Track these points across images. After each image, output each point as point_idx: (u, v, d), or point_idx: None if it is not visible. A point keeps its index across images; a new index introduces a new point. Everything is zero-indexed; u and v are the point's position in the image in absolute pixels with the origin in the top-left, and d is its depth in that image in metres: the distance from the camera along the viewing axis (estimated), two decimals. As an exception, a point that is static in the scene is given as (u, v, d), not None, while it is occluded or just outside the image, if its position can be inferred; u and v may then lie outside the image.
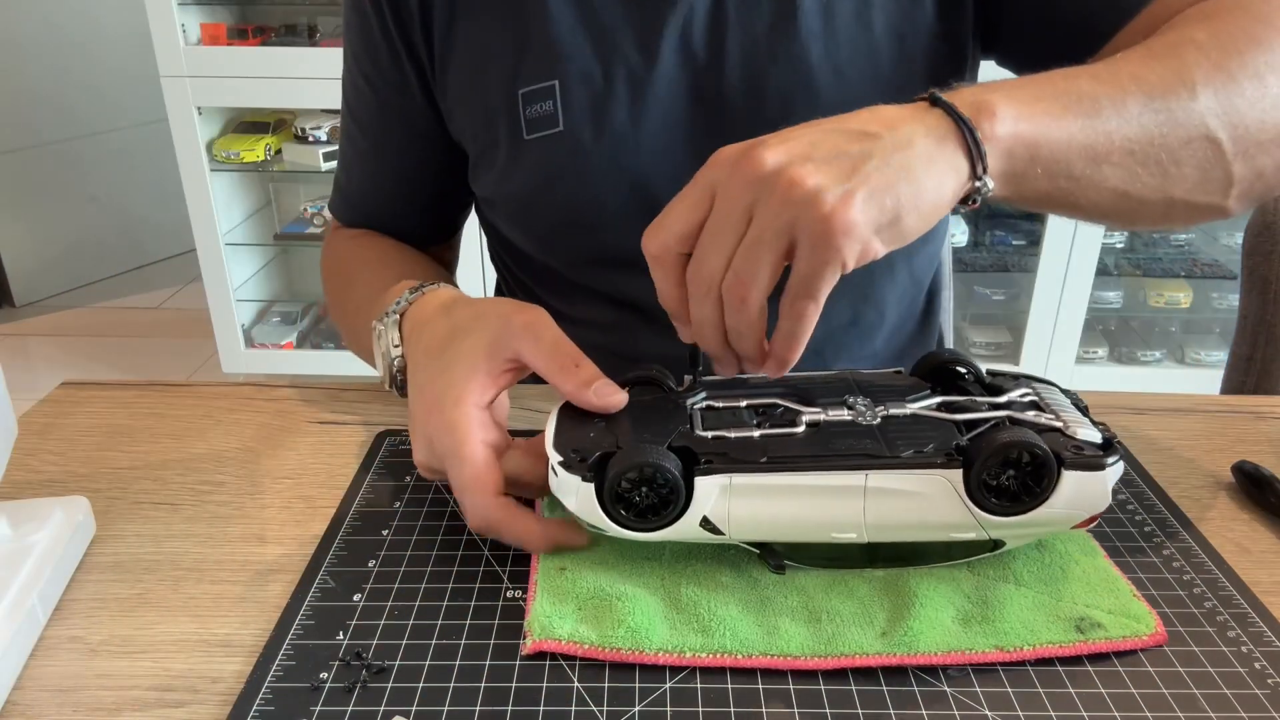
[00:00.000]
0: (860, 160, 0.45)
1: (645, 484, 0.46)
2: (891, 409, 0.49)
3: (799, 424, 0.48)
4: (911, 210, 0.45)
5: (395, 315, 0.60)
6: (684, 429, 0.48)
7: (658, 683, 0.43)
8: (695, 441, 0.47)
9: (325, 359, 2.31)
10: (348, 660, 0.44)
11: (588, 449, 0.47)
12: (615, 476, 0.46)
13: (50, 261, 2.93)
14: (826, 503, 0.46)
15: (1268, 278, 0.95)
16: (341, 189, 0.82)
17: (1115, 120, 0.49)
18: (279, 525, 0.55)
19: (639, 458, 0.45)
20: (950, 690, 0.43)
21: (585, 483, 0.46)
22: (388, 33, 0.70)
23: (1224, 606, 0.48)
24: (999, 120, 0.47)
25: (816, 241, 0.44)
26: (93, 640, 0.47)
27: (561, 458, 0.47)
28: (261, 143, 2.18)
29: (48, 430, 0.66)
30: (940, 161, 0.46)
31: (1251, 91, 0.51)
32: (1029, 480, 0.46)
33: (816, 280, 0.45)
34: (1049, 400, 0.50)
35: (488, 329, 0.52)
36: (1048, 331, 2.15)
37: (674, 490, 0.46)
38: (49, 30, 2.77)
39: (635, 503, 0.46)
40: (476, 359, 0.51)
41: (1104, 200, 0.51)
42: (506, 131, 0.69)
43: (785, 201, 0.44)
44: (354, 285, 0.75)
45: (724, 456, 0.46)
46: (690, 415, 0.50)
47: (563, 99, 0.67)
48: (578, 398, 0.50)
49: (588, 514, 0.47)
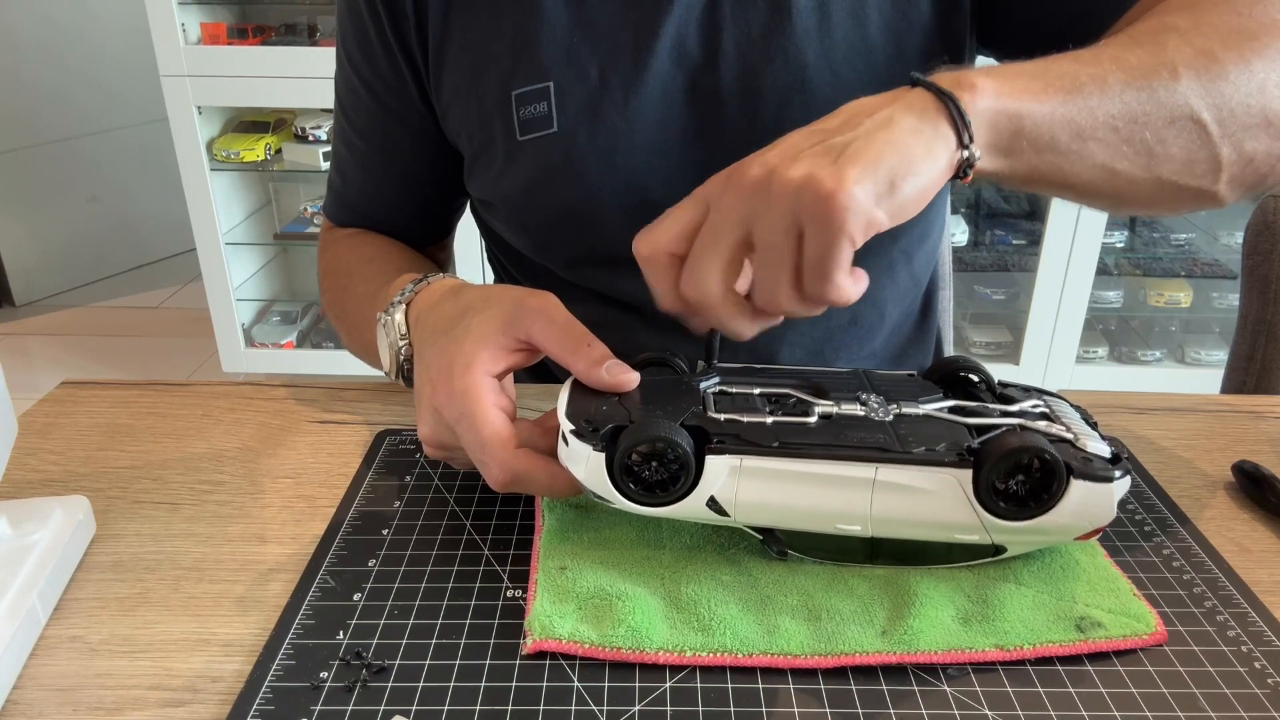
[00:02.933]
0: (845, 144, 0.45)
1: (656, 458, 0.46)
2: (904, 408, 0.50)
3: (811, 414, 0.49)
4: (906, 177, 0.45)
5: (401, 304, 0.60)
6: (697, 409, 0.49)
7: (658, 682, 0.43)
8: (708, 422, 0.48)
9: (325, 358, 2.31)
10: (348, 660, 0.44)
11: (600, 420, 0.48)
12: (627, 448, 0.46)
13: (50, 261, 2.93)
14: (834, 492, 0.46)
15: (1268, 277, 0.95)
16: (336, 190, 0.82)
17: (1097, 97, 0.49)
18: (279, 525, 0.55)
19: (652, 431, 0.46)
20: (950, 689, 0.43)
21: (596, 452, 0.47)
22: (382, 34, 0.70)
23: (1224, 606, 0.48)
24: (980, 94, 0.47)
25: (821, 223, 0.44)
26: (93, 640, 0.47)
27: (574, 426, 0.47)
28: (261, 142, 2.18)
29: (48, 430, 0.66)
30: (926, 131, 0.46)
31: (1235, 75, 0.51)
32: (1037, 486, 0.46)
33: (828, 261, 0.44)
34: (1059, 413, 0.51)
35: (500, 307, 0.52)
36: (1048, 331, 2.15)
37: (684, 466, 0.46)
38: (49, 29, 2.77)
39: (644, 477, 0.47)
40: (487, 332, 0.51)
41: (1093, 177, 0.51)
42: (501, 133, 0.69)
43: (782, 198, 0.44)
44: (353, 283, 0.75)
45: (736, 438, 0.47)
46: (703, 398, 0.50)
47: (557, 100, 0.67)
48: (589, 376, 0.50)
49: (596, 484, 0.47)
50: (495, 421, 0.49)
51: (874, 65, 0.66)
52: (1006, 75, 0.49)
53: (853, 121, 0.47)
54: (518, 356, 0.52)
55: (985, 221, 2.27)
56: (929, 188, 0.46)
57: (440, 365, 0.52)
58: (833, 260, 0.44)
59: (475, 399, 0.50)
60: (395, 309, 0.60)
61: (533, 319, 0.51)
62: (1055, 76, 0.50)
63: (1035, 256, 2.10)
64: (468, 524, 0.54)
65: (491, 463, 0.50)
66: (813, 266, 0.45)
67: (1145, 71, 0.50)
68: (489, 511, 0.55)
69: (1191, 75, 0.51)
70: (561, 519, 0.53)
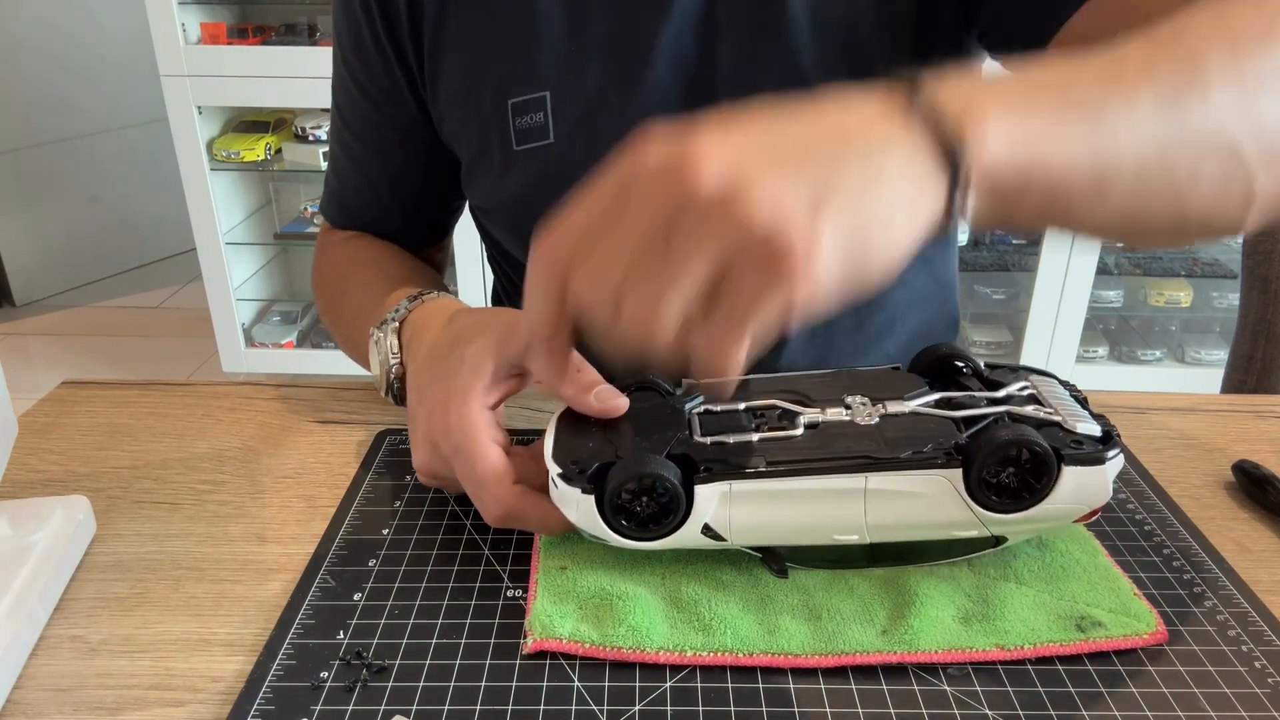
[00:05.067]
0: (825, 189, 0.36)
1: (645, 494, 0.46)
2: (890, 407, 0.49)
3: (797, 425, 0.48)
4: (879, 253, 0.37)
5: (394, 323, 0.60)
6: (682, 435, 0.48)
7: (658, 682, 0.43)
8: (694, 448, 0.47)
9: (325, 358, 2.31)
10: (348, 659, 0.44)
11: (586, 460, 0.47)
12: (615, 488, 0.46)
13: (50, 261, 2.93)
14: (827, 506, 0.46)
15: (1268, 277, 0.95)
16: (332, 191, 0.82)
17: (1126, 127, 0.40)
18: (279, 525, 0.55)
19: (638, 468, 0.45)
20: (950, 689, 0.43)
21: (585, 495, 0.46)
22: (378, 38, 0.70)
23: (1224, 605, 0.48)
24: (988, 138, 0.38)
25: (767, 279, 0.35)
26: (93, 639, 0.47)
27: (561, 469, 0.47)
28: (261, 142, 2.18)
29: (48, 429, 0.66)
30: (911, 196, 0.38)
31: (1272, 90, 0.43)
32: (1029, 477, 0.46)
33: (746, 318, 0.36)
34: (1047, 393, 0.50)
35: (492, 335, 0.52)
36: (1048, 331, 2.15)
37: (674, 499, 0.46)
38: (49, 29, 2.77)
39: (636, 513, 0.46)
40: (481, 362, 0.51)
41: (1109, 225, 0.44)
42: (498, 141, 0.69)
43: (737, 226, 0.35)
44: (349, 290, 0.75)
45: (723, 463, 0.46)
46: (688, 420, 0.50)
47: (554, 111, 0.66)
48: (579, 403, 0.50)
49: (589, 525, 0.47)
50: (491, 457, 0.49)
51: (869, 69, 0.66)
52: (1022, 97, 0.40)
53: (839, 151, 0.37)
54: (512, 384, 0.52)
55: (985, 221, 2.27)
56: (895, 265, 0.38)
57: (436, 396, 0.52)
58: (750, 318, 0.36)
59: (471, 433, 0.49)
60: (388, 327, 0.60)
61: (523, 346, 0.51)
62: (1077, 102, 0.40)
63: (1035, 256, 2.10)
64: (468, 524, 0.54)
65: (488, 499, 0.49)
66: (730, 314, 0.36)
67: (1176, 87, 0.41)
68: (489, 511, 0.55)
69: (1227, 92, 0.42)
70: (562, 519, 0.53)
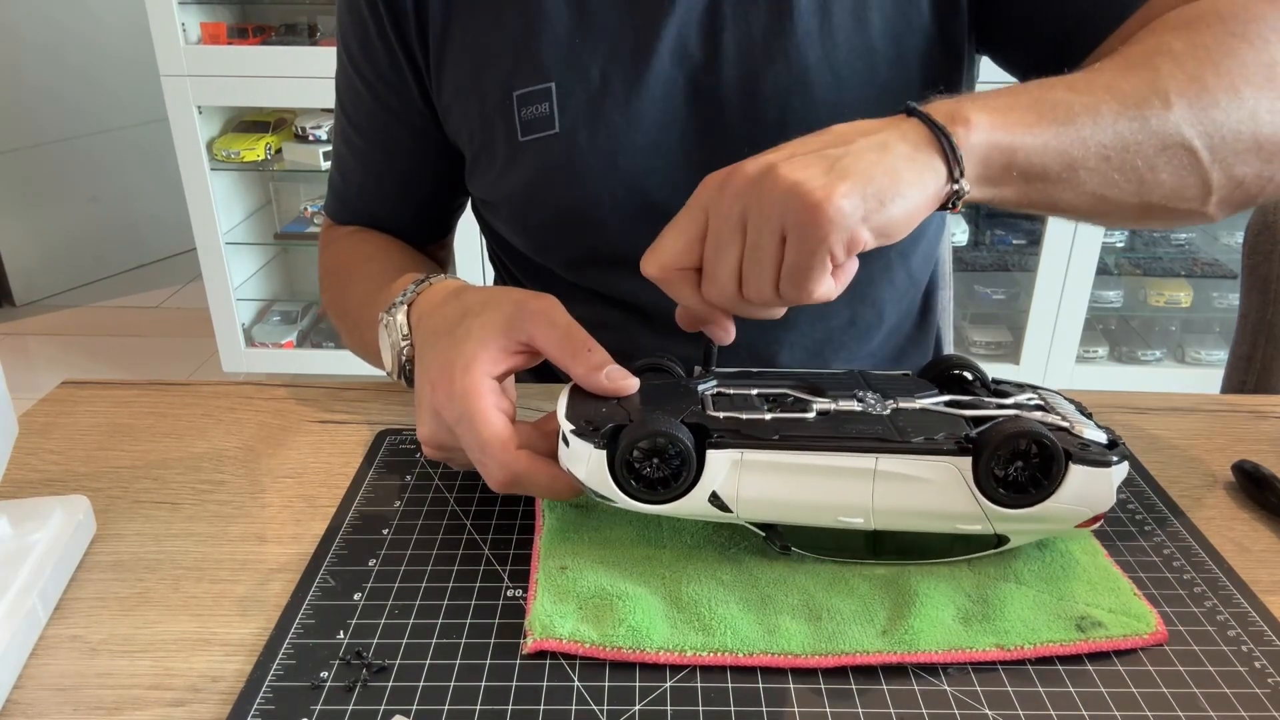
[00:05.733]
0: (839, 158, 0.46)
1: (657, 454, 0.46)
2: (901, 403, 0.50)
3: (810, 410, 0.49)
4: (895, 199, 0.46)
5: (403, 305, 0.61)
6: (696, 409, 0.49)
7: (658, 682, 0.43)
8: (707, 419, 0.48)
9: (325, 358, 2.31)
10: (348, 659, 0.44)
11: (601, 421, 0.48)
12: (628, 445, 0.46)
13: (50, 261, 2.93)
14: (836, 484, 0.47)
15: (1268, 277, 0.95)
16: (336, 188, 0.82)
17: (1090, 128, 0.50)
18: (279, 524, 0.55)
19: (653, 427, 0.46)
20: (950, 689, 0.43)
21: (598, 450, 0.47)
22: (383, 32, 0.70)
23: (1224, 605, 0.48)
24: (973, 128, 0.48)
25: (804, 232, 0.45)
26: (93, 639, 0.47)
27: (574, 426, 0.48)
28: (261, 142, 2.18)
29: (48, 429, 0.66)
30: (918, 161, 0.47)
31: (1226, 102, 0.52)
32: (1037, 472, 0.46)
33: (805, 271, 0.46)
34: (1054, 404, 0.51)
35: (501, 310, 0.53)
36: (1048, 331, 2.15)
37: (685, 462, 0.46)
38: (49, 29, 2.77)
39: (646, 474, 0.47)
40: (488, 334, 0.52)
41: (1081, 202, 0.53)
42: (502, 133, 0.69)
43: (772, 199, 0.45)
44: (355, 282, 0.75)
45: (736, 434, 0.47)
46: (702, 399, 0.50)
47: (559, 101, 0.67)
48: (589, 381, 0.50)
49: (597, 483, 0.47)
50: (495, 423, 0.50)
51: (874, 67, 0.66)
52: (1000, 107, 0.50)
53: (849, 139, 0.47)
54: (518, 359, 0.53)
55: (985, 221, 2.27)
56: (915, 213, 0.47)
57: (441, 367, 0.52)
58: (808, 269, 0.46)
59: (475, 400, 0.50)
60: (397, 309, 0.61)
61: (534, 322, 0.51)
62: (1049, 107, 0.50)
63: (1035, 256, 2.10)
64: (468, 524, 0.54)
65: (491, 463, 0.50)
66: (790, 272, 0.46)
67: (1138, 100, 0.51)
68: (489, 511, 0.55)
69: (1184, 103, 0.51)
70: (562, 519, 0.53)
